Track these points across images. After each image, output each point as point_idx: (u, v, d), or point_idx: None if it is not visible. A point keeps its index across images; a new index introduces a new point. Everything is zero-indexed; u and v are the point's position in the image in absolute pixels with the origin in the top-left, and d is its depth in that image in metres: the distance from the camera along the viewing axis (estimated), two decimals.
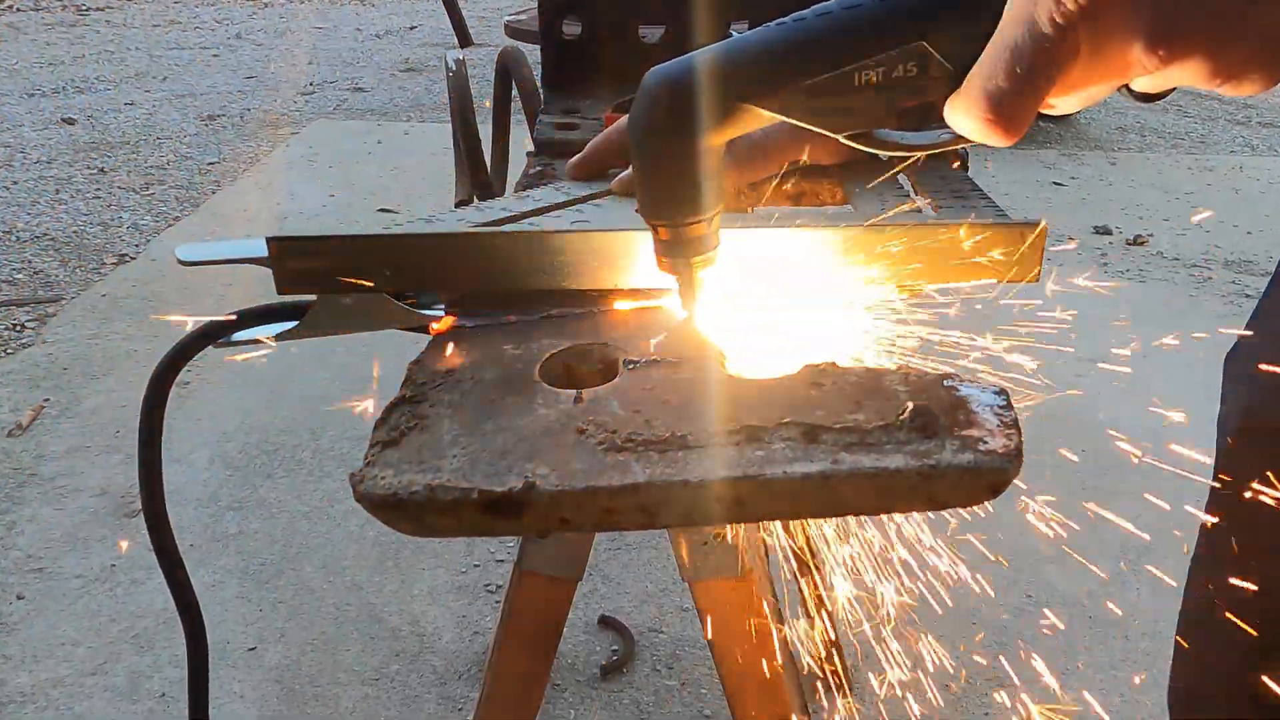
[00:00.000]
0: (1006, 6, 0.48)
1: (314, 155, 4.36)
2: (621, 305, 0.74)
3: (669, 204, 0.61)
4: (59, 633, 1.80)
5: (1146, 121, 4.88)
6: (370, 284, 0.72)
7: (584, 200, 0.80)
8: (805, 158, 0.80)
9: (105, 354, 2.73)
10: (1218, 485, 0.92)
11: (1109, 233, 3.61)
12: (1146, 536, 2.02)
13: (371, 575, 1.95)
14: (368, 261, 0.71)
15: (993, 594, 1.89)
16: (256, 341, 0.76)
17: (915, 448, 0.55)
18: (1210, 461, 0.96)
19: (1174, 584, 1.02)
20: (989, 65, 0.49)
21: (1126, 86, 0.49)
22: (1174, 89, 0.49)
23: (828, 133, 0.57)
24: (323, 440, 2.34)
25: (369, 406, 0.70)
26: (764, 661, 0.87)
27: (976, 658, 1.75)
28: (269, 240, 0.71)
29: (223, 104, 5.13)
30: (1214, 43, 0.44)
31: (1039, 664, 1.74)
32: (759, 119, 0.57)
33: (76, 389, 2.56)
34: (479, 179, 1.02)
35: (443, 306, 0.76)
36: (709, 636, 0.86)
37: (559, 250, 0.71)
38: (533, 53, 1.24)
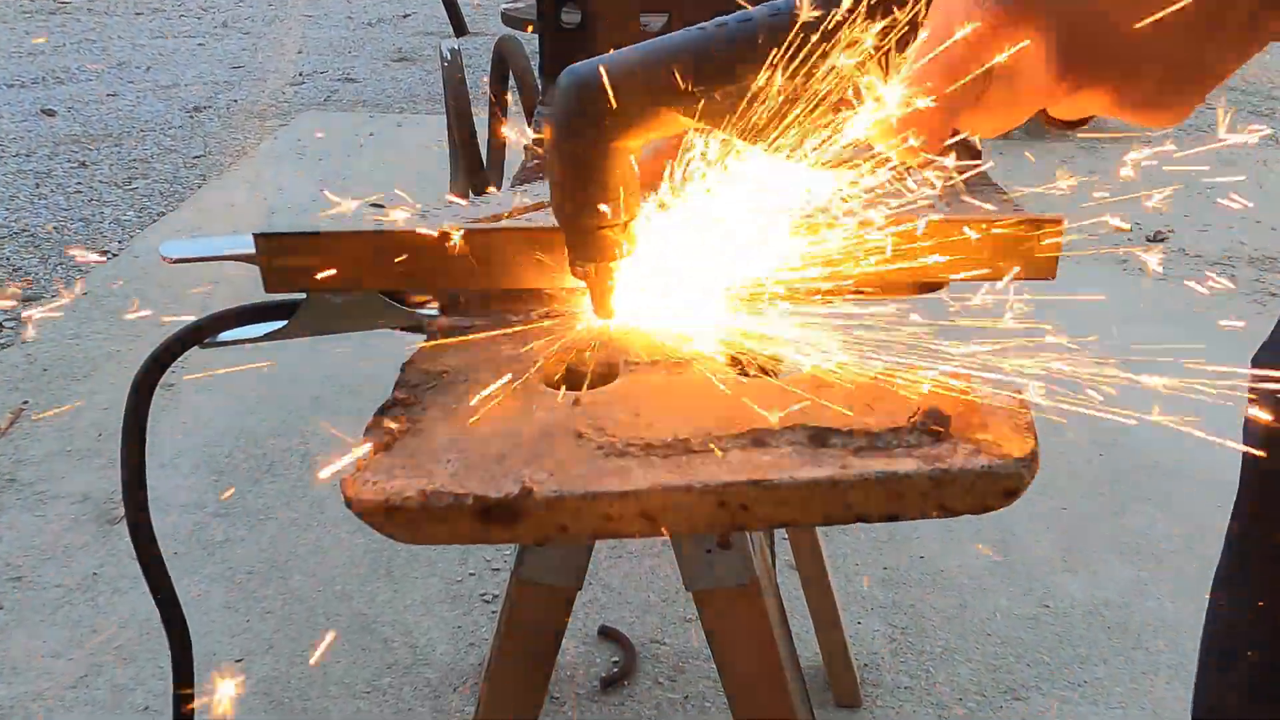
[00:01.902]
0: (925, 24, 0.49)
1: (303, 148, 4.37)
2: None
3: (581, 206, 0.61)
4: (39, 644, 1.80)
5: None
6: (361, 282, 0.72)
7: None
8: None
9: (86, 355, 2.73)
10: (1242, 494, 0.92)
11: (1127, 228, 3.61)
12: (1166, 543, 2.02)
13: (363, 584, 1.95)
14: (359, 259, 0.71)
15: (1007, 603, 1.89)
16: (244, 342, 0.76)
17: (926, 451, 0.55)
18: (1234, 466, 0.96)
19: (1197, 592, 1.02)
20: (905, 82, 0.50)
21: (1044, 112, 0.50)
22: (1092, 117, 0.50)
23: (745, 141, 0.58)
24: (312, 444, 2.34)
25: (360, 409, 0.70)
26: (769, 674, 0.87)
27: (991, 668, 1.75)
28: (256, 236, 0.71)
29: (209, 95, 5.13)
30: (1121, 74, 0.45)
31: (1055, 675, 1.74)
32: (676, 123, 0.58)
33: (57, 391, 2.56)
34: (474, 173, 1.02)
35: (437, 305, 0.76)
36: (712, 648, 0.86)
37: (558, 247, 0.71)
38: (530, 42, 1.24)
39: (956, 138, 0.53)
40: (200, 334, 0.75)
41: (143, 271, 3.21)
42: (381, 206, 0.71)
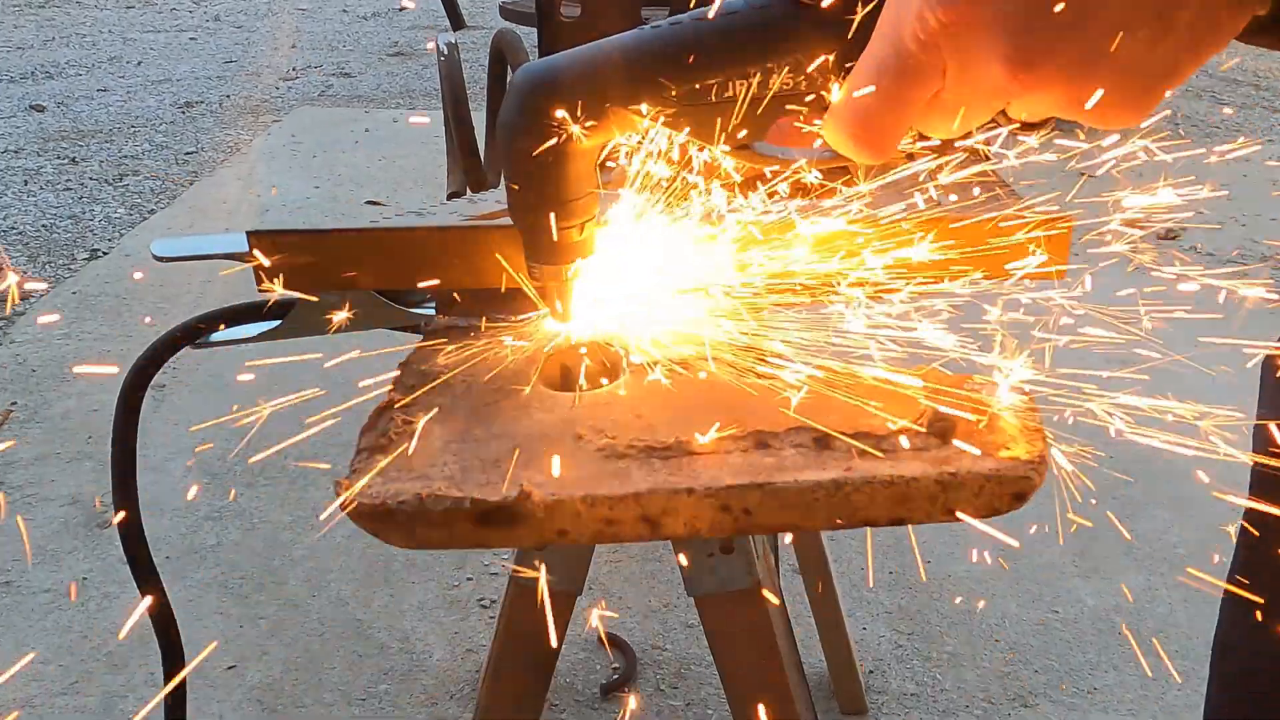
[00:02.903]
0: (878, 23, 0.49)
1: (297, 144, 4.37)
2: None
3: (536, 208, 0.61)
4: (28, 650, 1.80)
5: (1179, 109, 4.87)
6: (357, 281, 0.72)
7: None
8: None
9: (77, 355, 2.73)
10: (1252, 500, 0.92)
11: (1139, 225, 3.60)
12: (1179, 548, 2.02)
13: (358, 589, 1.95)
14: (354, 257, 0.71)
15: (1015, 608, 1.89)
16: (237, 342, 0.76)
17: (934, 454, 0.55)
18: (1244, 470, 0.96)
19: (1209, 598, 1.02)
20: (857, 80, 0.51)
21: (1004, 112, 0.50)
22: (1051, 118, 0.51)
23: (704, 143, 0.59)
24: (306, 446, 2.33)
25: (356, 410, 0.70)
26: (772, 681, 0.87)
27: (999, 674, 1.75)
28: (249, 235, 0.71)
29: (201, 90, 5.13)
30: (1073, 72, 0.45)
31: (1065, 682, 1.74)
32: (631, 123, 0.58)
33: (46, 392, 2.57)
34: (472, 170, 1.02)
35: (434, 305, 0.76)
36: (714, 654, 0.86)
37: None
38: (529, 36, 1.24)
39: (935, 141, 0.53)
40: (192, 334, 0.75)
41: (134, 270, 3.21)
42: (379, 204, 0.71)
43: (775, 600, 0.82)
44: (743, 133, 0.58)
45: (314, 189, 3.87)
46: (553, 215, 0.61)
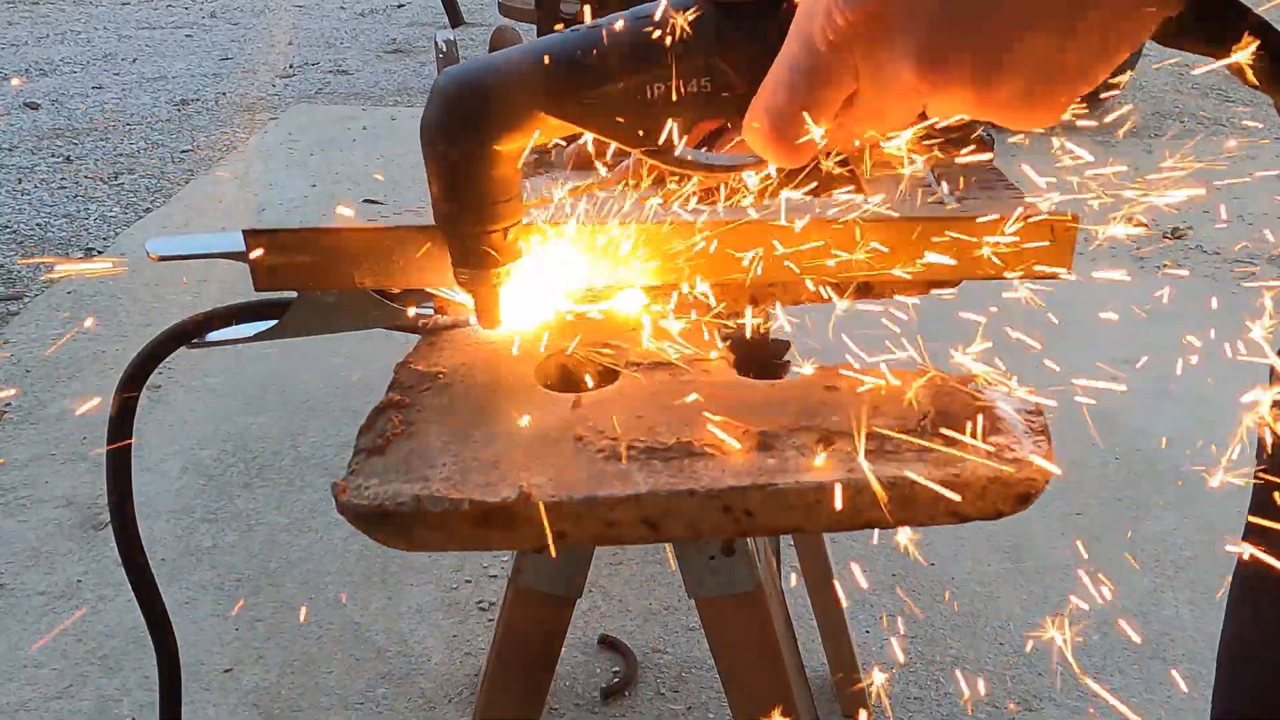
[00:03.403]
0: (791, 24, 0.49)
1: (294, 142, 4.37)
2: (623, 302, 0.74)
3: (460, 212, 0.61)
4: (21, 653, 1.80)
5: (1185, 106, 4.87)
6: (354, 280, 0.72)
7: (583, 191, 0.80)
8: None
9: (71, 355, 2.73)
10: (1255, 498, 0.91)
11: (1145, 225, 3.60)
12: (1184, 549, 2.02)
13: (356, 592, 1.95)
14: (352, 256, 0.71)
15: (1020, 611, 1.89)
16: (233, 342, 0.76)
17: (938, 456, 0.55)
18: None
19: (1215, 600, 1.02)
20: (771, 83, 0.51)
21: (924, 115, 0.50)
22: (973, 128, 0.51)
23: (626, 147, 0.59)
24: (303, 447, 2.34)
25: (353, 411, 0.70)
26: (774, 684, 0.87)
27: (1004, 676, 1.75)
28: (246, 233, 0.71)
29: (197, 87, 5.13)
30: (982, 71, 0.45)
31: (1069, 684, 1.74)
32: (554, 127, 0.58)
33: (40, 393, 2.57)
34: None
35: (431, 304, 0.76)
36: (716, 657, 0.86)
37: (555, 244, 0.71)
38: (529, 33, 1.24)
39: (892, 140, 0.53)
40: (188, 334, 0.75)
41: (129, 269, 3.21)
42: (377, 202, 0.71)
43: (777, 603, 0.82)
44: (663, 137, 0.58)
45: (311, 187, 3.87)
46: (475, 220, 0.61)
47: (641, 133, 0.58)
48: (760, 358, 0.72)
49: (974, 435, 0.57)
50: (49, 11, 6.79)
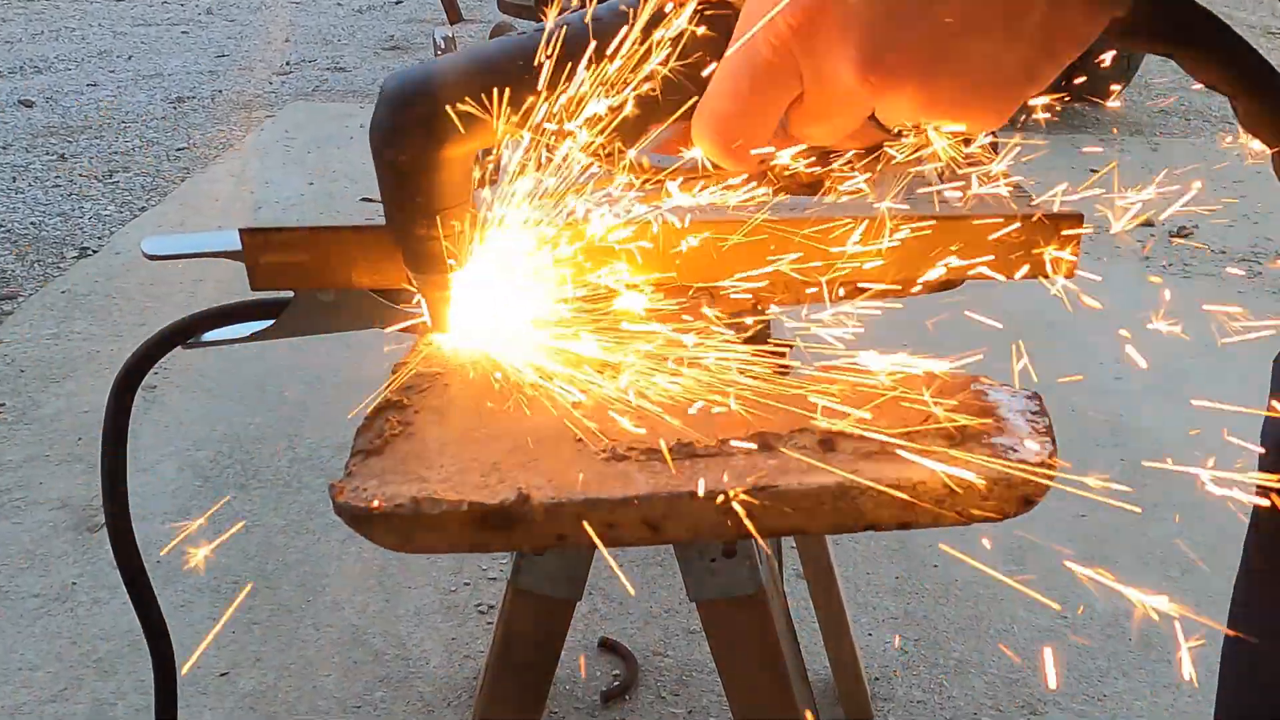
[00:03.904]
0: (735, 27, 0.49)
1: (290, 140, 4.37)
2: (623, 302, 0.74)
3: (410, 216, 0.61)
4: (16, 656, 1.80)
5: (1192, 104, 4.87)
6: (352, 280, 0.72)
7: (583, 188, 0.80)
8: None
9: (65, 355, 2.73)
10: (1262, 502, 0.91)
11: (1150, 224, 3.60)
12: (1191, 552, 2.02)
13: (353, 594, 1.95)
14: (350, 256, 0.71)
15: (1024, 614, 1.89)
16: (229, 342, 0.76)
17: (941, 457, 0.55)
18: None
19: (1221, 603, 1.02)
20: (715, 87, 0.51)
21: (875, 119, 0.50)
22: (917, 131, 0.50)
23: (579, 151, 0.59)
24: (300, 448, 2.34)
25: (350, 412, 0.70)
26: (776, 688, 0.87)
27: (1007, 681, 1.75)
28: (242, 232, 0.71)
29: (192, 85, 5.13)
30: (923, 75, 0.45)
31: (1074, 688, 1.74)
32: (502, 131, 0.58)
33: (34, 393, 2.57)
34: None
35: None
36: (717, 660, 0.86)
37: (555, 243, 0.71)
38: (528, 30, 1.24)
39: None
40: (183, 334, 0.75)
41: (124, 268, 3.21)
42: (375, 201, 0.71)
43: (778, 605, 0.82)
44: (618, 139, 0.58)
45: (308, 185, 3.87)
46: (425, 224, 0.61)
47: (592, 137, 0.58)
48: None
49: (978, 436, 0.56)
50: (44, 8, 6.79)
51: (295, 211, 3.64)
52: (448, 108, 0.57)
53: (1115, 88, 4.98)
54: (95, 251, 3.36)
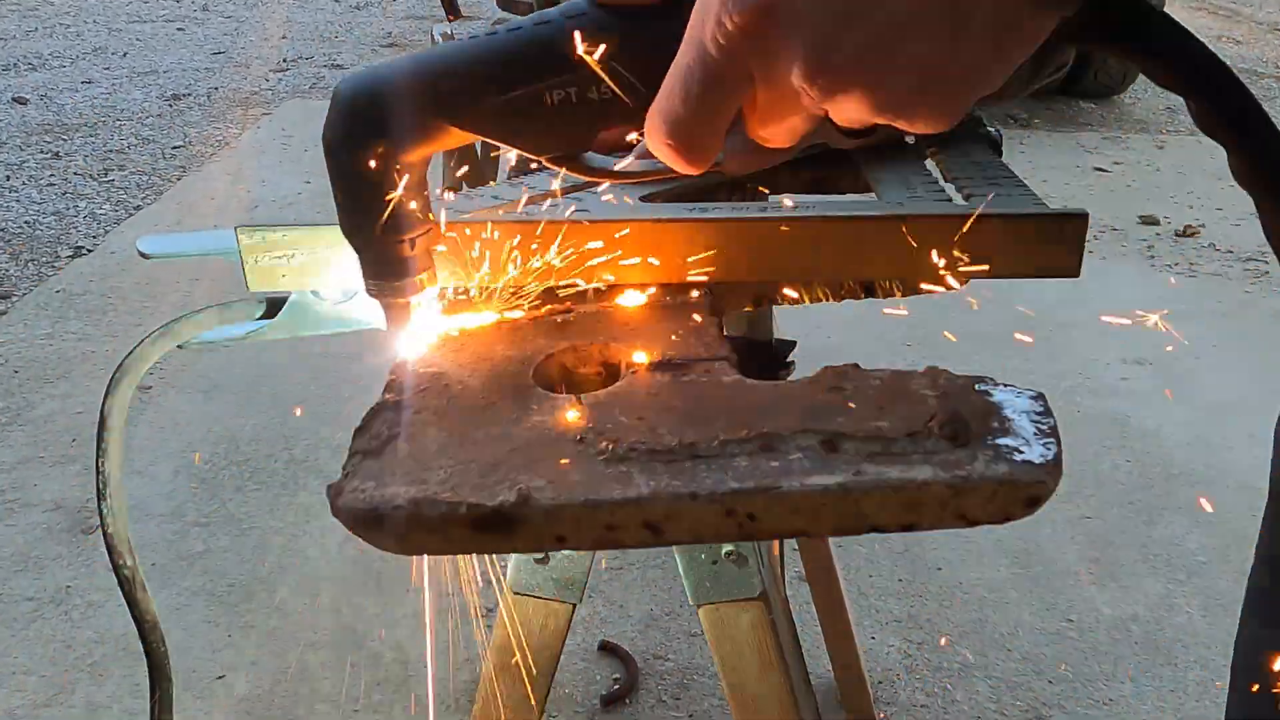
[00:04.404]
0: (686, 28, 0.49)
1: (287, 138, 4.37)
2: (624, 301, 0.74)
3: (365, 223, 0.61)
4: (9, 660, 1.80)
5: None
6: (349, 279, 0.72)
7: (582, 188, 0.80)
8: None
9: (59, 355, 2.73)
10: (1271, 502, 0.91)
11: (1156, 223, 3.61)
12: (1198, 554, 2.02)
13: (351, 597, 1.95)
14: (346, 254, 0.71)
15: (1029, 617, 1.89)
16: (225, 342, 0.76)
17: (945, 458, 0.55)
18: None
19: (1229, 606, 1.02)
20: (666, 89, 0.51)
21: (829, 119, 0.50)
22: (874, 128, 0.50)
23: (529, 154, 0.59)
24: (297, 450, 2.34)
25: (347, 413, 0.70)
26: (778, 692, 0.87)
27: (1012, 685, 1.75)
28: (238, 231, 0.71)
29: (188, 82, 5.14)
30: (871, 75, 0.45)
31: (1080, 693, 1.74)
32: (456, 136, 0.58)
33: (28, 394, 2.57)
34: (468, 164, 1.02)
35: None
36: (718, 664, 0.86)
37: (555, 241, 0.71)
38: None
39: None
40: (179, 334, 0.75)
41: (119, 268, 3.21)
42: None
43: (781, 608, 0.82)
44: (568, 143, 0.58)
45: (305, 184, 3.87)
46: (380, 230, 0.61)
47: (545, 139, 0.58)
48: (764, 358, 0.72)
49: (982, 437, 0.56)
50: (38, 5, 6.79)
51: (292, 210, 3.64)
52: (399, 114, 0.57)
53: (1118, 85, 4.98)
54: (90, 251, 3.36)
